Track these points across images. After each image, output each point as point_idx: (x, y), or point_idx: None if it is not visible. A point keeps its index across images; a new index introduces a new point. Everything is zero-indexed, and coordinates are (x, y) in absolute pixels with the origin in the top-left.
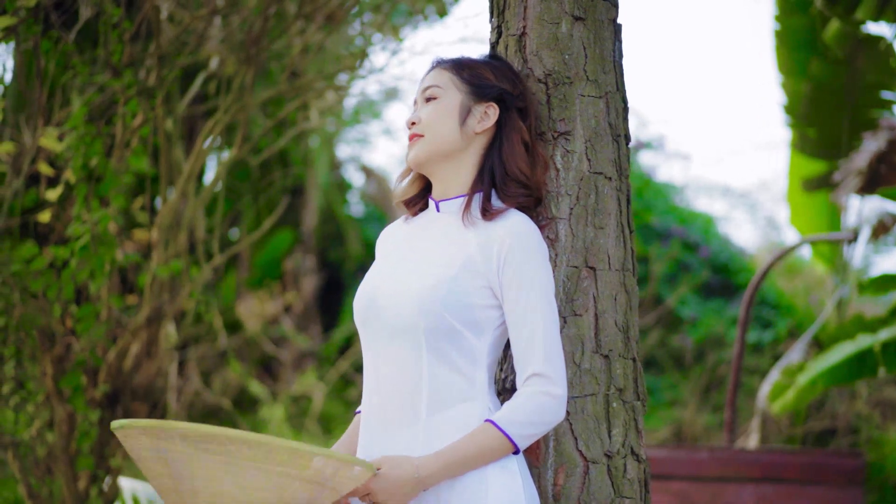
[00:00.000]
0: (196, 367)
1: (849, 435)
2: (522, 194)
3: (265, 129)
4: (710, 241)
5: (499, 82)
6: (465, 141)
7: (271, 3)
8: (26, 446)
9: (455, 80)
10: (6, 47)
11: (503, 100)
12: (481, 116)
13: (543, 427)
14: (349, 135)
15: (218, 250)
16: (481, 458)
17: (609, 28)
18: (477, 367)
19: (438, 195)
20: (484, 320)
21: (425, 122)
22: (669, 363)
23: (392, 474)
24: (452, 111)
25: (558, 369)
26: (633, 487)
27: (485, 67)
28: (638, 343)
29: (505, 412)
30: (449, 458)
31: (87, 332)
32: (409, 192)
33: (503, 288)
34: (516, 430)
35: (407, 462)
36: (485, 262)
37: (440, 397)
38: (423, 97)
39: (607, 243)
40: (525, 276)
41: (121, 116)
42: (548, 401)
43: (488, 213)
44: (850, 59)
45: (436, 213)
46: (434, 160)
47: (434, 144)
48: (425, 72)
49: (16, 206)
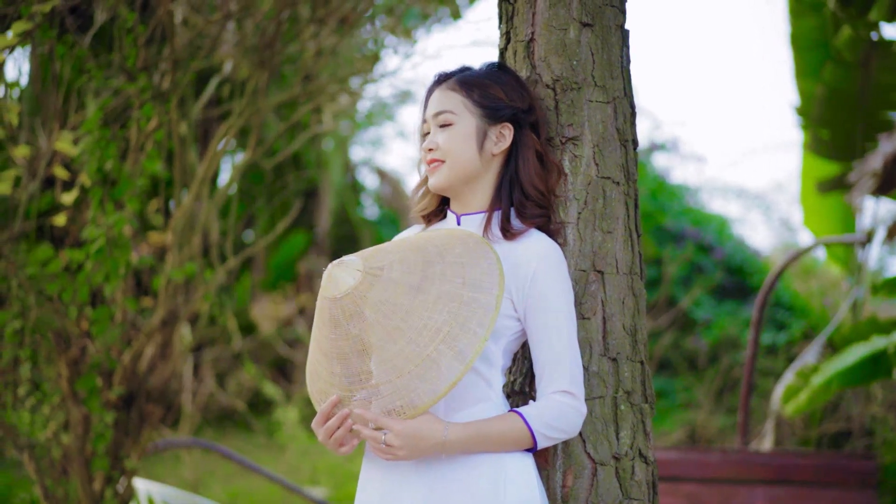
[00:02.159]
0: (210, 368)
1: (863, 437)
2: (539, 214)
3: (279, 132)
4: (725, 243)
5: (511, 101)
6: (484, 164)
7: (284, 8)
8: (42, 448)
9: (467, 104)
10: (22, 52)
11: (516, 118)
12: (497, 138)
13: (562, 434)
14: (363, 137)
15: (232, 253)
16: (501, 443)
17: (617, 34)
18: (492, 369)
19: (459, 210)
20: (501, 328)
21: (444, 148)
22: (683, 365)
23: (423, 426)
24: (470, 136)
25: (582, 389)
26: (641, 489)
27: (494, 85)
28: (646, 346)
29: (532, 410)
30: (474, 431)
31: (102, 335)
32: (429, 207)
33: (528, 307)
34: (540, 428)
35: (439, 422)
36: (511, 279)
37: (458, 397)
38: (436, 122)
39: (615, 247)
40: (550, 298)
41: (135, 120)
42: (573, 413)
43: (509, 233)
44: (863, 62)
45: (455, 226)
46: (456, 184)
47: (455, 170)
48: (429, 87)
49: (32, 209)
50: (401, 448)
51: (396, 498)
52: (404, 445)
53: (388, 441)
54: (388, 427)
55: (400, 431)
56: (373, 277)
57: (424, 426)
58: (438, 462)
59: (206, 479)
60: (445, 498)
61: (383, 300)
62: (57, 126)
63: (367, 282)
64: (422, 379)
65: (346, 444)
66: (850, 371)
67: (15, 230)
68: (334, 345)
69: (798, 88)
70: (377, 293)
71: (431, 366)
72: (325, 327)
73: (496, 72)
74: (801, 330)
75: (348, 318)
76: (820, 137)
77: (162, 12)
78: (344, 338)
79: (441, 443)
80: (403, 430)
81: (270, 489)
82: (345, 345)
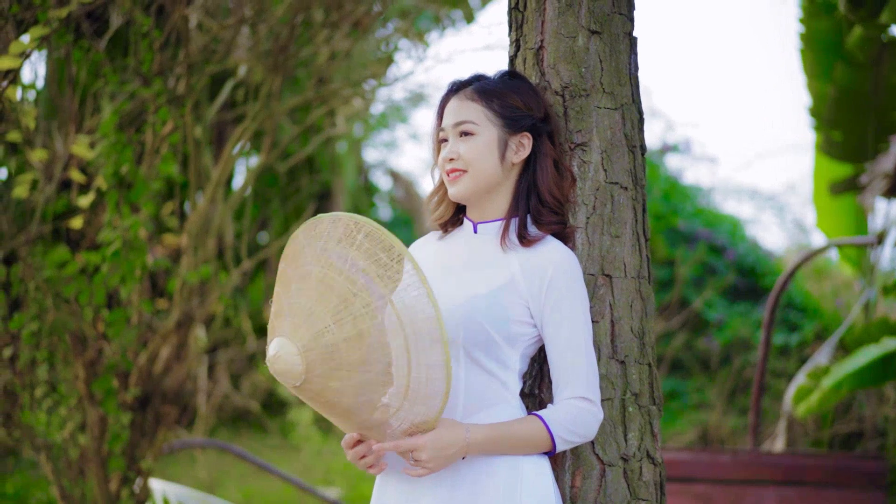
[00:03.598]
0: (225, 370)
1: (876, 438)
2: (556, 222)
3: (293, 135)
4: (738, 244)
5: (529, 111)
6: (504, 173)
7: (298, 12)
8: (59, 448)
9: (488, 115)
10: (39, 56)
11: (535, 128)
12: (517, 147)
13: (580, 439)
14: (376, 140)
15: (246, 255)
16: (521, 445)
17: (625, 41)
18: (508, 371)
19: (476, 217)
20: (518, 335)
21: (466, 158)
22: (696, 366)
23: (445, 435)
24: (492, 147)
25: (598, 395)
26: (649, 490)
27: (513, 95)
28: (653, 349)
29: (552, 413)
30: (495, 433)
31: (118, 337)
32: (445, 215)
33: (545, 313)
34: (560, 432)
35: (459, 425)
36: (527, 285)
37: (476, 400)
38: (455, 131)
39: (623, 251)
40: (566, 304)
41: (151, 124)
42: (591, 418)
43: (526, 239)
44: (874, 63)
45: (472, 233)
46: (477, 194)
47: (477, 181)
48: (444, 95)
49: (48, 212)
50: (429, 461)
51: (415, 500)
52: (432, 458)
53: (417, 457)
54: (412, 447)
55: (425, 445)
56: (312, 352)
57: (447, 433)
58: (456, 464)
59: (220, 480)
60: (463, 499)
61: (336, 365)
62: (73, 130)
63: (311, 359)
64: (420, 402)
65: (375, 467)
66: (861, 372)
67: (32, 233)
68: (326, 411)
69: (811, 90)
70: (326, 364)
71: (419, 389)
72: (307, 402)
73: (513, 80)
74: (813, 331)
75: (319, 395)
76: (832, 139)
77: (177, 17)
78: (327, 406)
79: (465, 445)
80: (428, 444)
81: (285, 489)
82: (331, 409)
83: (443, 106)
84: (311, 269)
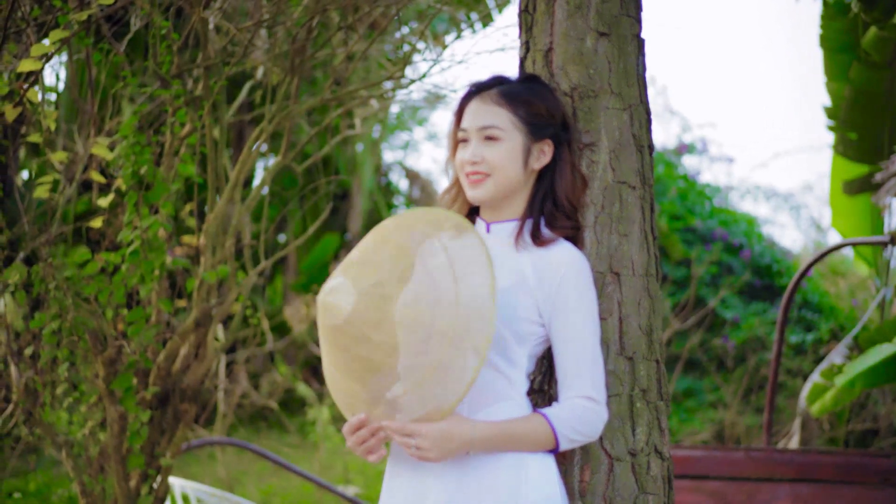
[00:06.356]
0: (244, 369)
1: (890, 436)
2: (569, 226)
3: (310, 135)
4: (754, 244)
5: (552, 119)
6: (525, 178)
7: (315, 14)
8: (79, 446)
9: (514, 121)
10: (59, 59)
11: (557, 136)
12: (539, 154)
13: (584, 438)
14: (394, 140)
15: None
16: (525, 443)
17: (633, 43)
18: (514, 368)
19: (489, 217)
20: (527, 333)
21: (492, 163)
22: (711, 365)
23: (449, 427)
24: (517, 153)
25: (604, 395)
26: (657, 484)
27: (538, 102)
28: (661, 345)
29: (557, 412)
30: (500, 430)
31: (137, 335)
32: (458, 213)
33: (553, 313)
34: (564, 431)
35: (466, 421)
36: (538, 285)
37: (483, 395)
38: (480, 134)
39: (631, 250)
40: (575, 305)
41: (170, 125)
42: (595, 418)
43: (539, 239)
44: (890, 64)
45: (485, 233)
46: (497, 198)
47: (499, 186)
48: (465, 96)
49: (69, 212)
50: (430, 450)
51: (421, 495)
52: (433, 447)
53: (419, 445)
54: (417, 433)
55: (428, 434)
56: (367, 297)
57: (453, 427)
58: (462, 460)
59: (240, 478)
60: (469, 495)
61: (383, 318)
62: (93, 131)
63: (363, 303)
64: (441, 385)
65: (374, 453)
66: (874, 371)
67: (53, 233)
68: (348, 366)
69: (828, 90)
70: (375, 313)
71: (446, 370)
72: (334, 351)
73: (536, 86)
74: (828, 330)
75: (354, 342)
76: (848, 139)
77: (195, 20)
78: (355, 360)
79: (469, 441)
80: (431, 433)
81: (304, 487)
82: (357, 366)
83: (463, 106)
84: (393, 237)
